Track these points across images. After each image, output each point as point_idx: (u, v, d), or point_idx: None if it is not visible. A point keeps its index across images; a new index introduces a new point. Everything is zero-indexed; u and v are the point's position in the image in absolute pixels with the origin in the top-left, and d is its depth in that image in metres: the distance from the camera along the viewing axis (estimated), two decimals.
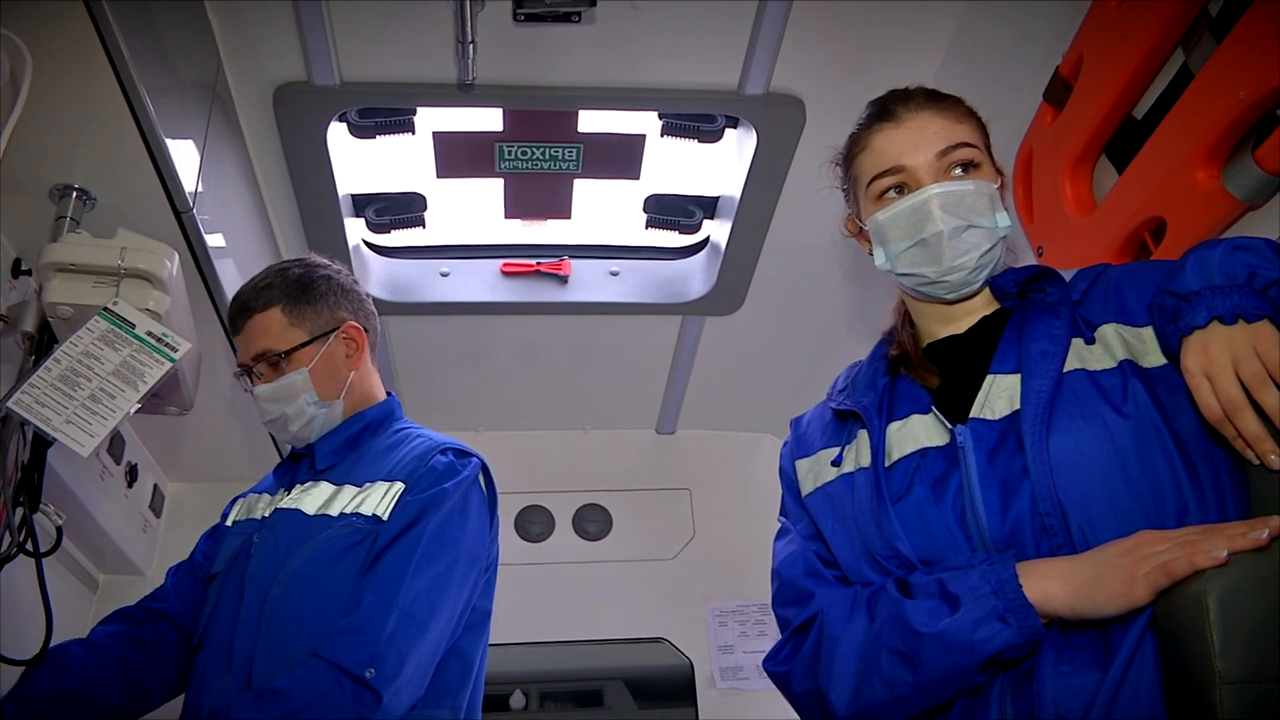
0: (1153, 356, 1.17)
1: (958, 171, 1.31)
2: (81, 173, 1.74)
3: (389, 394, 1.92)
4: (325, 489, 1.70)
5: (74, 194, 1.75)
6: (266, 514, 1.74)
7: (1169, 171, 1.55)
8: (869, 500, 1.26)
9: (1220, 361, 1.04)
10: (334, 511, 1.65)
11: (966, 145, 1.32)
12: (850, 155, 1.41)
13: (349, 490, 1.68)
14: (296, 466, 1.83)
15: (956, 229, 1.28)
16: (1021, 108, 1.99)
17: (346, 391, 1.81)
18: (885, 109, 1.38)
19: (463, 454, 1.75)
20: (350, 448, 1.79)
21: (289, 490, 1.76)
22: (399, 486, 1.65)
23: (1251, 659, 0.87)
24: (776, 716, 1.50)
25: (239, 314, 1.81)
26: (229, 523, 1.86)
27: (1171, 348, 1.12)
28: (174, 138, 1.74)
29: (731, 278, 2.86)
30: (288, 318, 1.78)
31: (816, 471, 1.38)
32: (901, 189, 1.33)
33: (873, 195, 1.35)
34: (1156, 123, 1.61)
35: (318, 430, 1.79)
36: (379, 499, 1.64)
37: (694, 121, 2.50)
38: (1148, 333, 1.19)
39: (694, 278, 2.96)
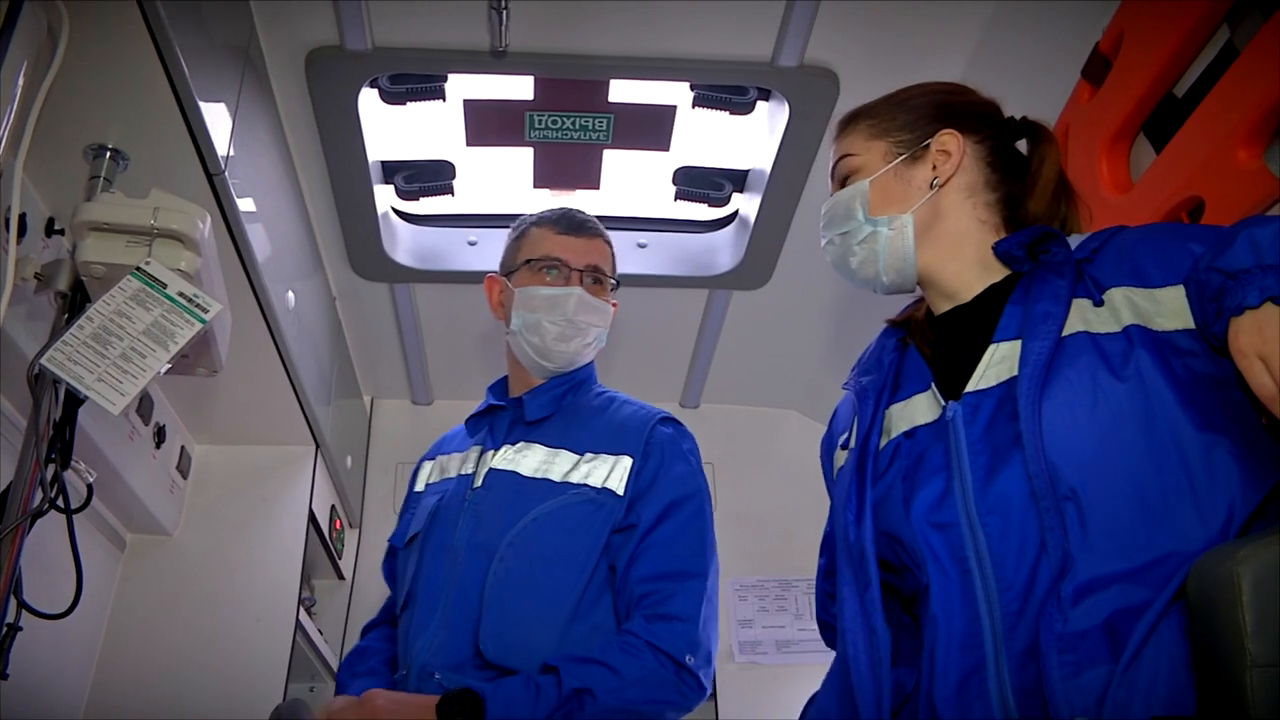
0: (1163, 320, 1.14)
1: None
2: (115, 133, 1.74)
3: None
4: (539, 451, 1.72)
5: (108, 154, 1.75)
6: (471, 472, 1.76)
7: (1209, 150, 1.52)
8: (846, 482, 1.30)
9: (1276, 343, 0.99)
10: (555, 477, 1.67)
11: (839, 161, 1.43)
12: None
13: (566, 456, 1.70)
14: (493, 423, 1.83)
15: (828, 243, 1.43)
16: (1059, 85, 1.96)
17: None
18: None
19: (679, 424, 1.79)
20: (557, 404, 1.80)
21: (496, 449, 1.76)
22: (627, 461, 1.67)
23: None
24: (794, 691, 1.50)
25: None
26: (420, 487, 1.88)
27: (1211, 325, 1.08)
28: (207, 100, 1.74)
29: (759, 252, 2.84)
30: None
31: (835, 458, 1.42)
32: None
33: None
34: (1197, 101, 1.58)
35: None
36: (608, 472, 1.66)
37: (725, 93, 2.48)
38: (1164, 294, 1.15)
39: (722, 251, 2.95)
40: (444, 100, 2.47)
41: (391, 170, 2.74)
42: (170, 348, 1.60)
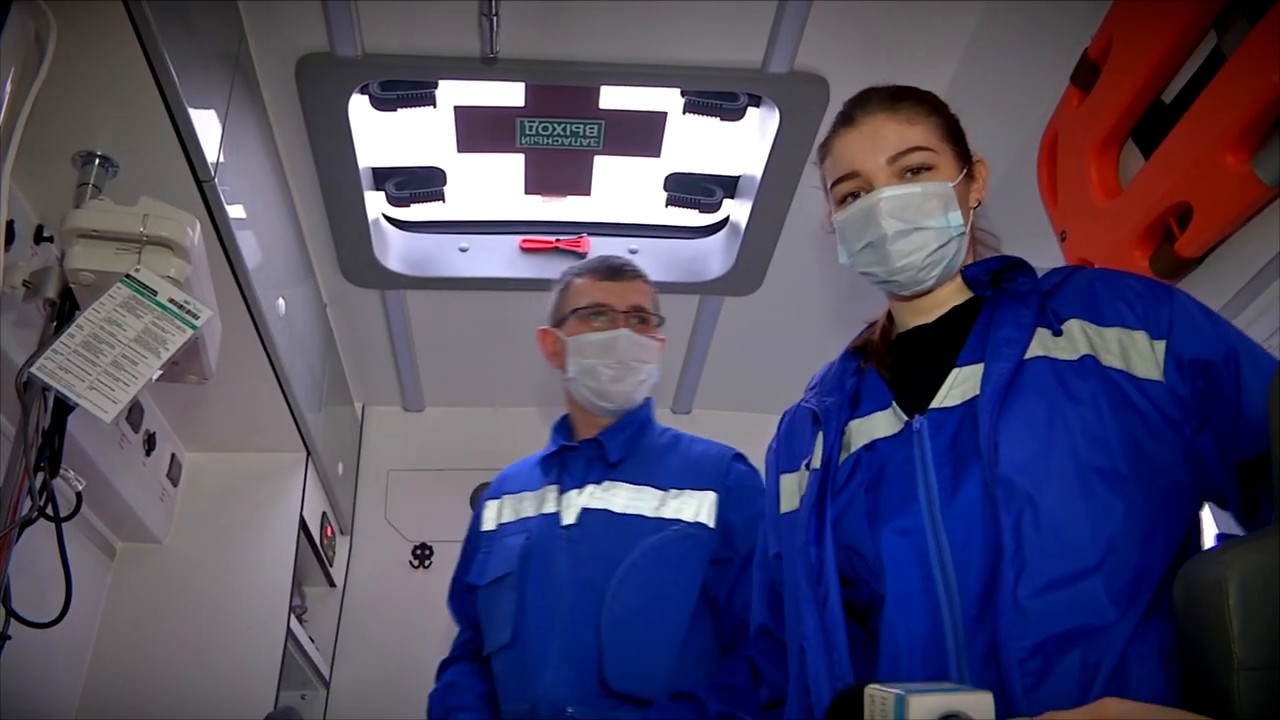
0: (1110, 357, 1.20)
1: (909, 175, 1.35)
2: (104, 140, 1.74)
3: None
4: (625, 489, 1.86)
5: (96, 161, 1.74)
6: (554, 511, 1.85)
7: (1197, 156, 1.53)
8: (808, 501, 1.31)
9: None
10: (647, 513, 1.82)
11: (918, 149, 1.36)
12: (820, 159, 1.46)
13: (651, 492, 1.85)
14: (566, 463, 1.92)
15: (901, 231, 1.33)
16: (1048, 91, 1.97)
17: None
18: (845, 113, 1.43)
19: (748, 461, 1.92)
20: (632, 444, 1.92)
21: (579, 488, 1.86)
22: (711, 495, 1.84)
23: (1271, 645, 0.87)
24: None
25: None
26: (490, 526, 1.95)
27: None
28: (197, 107, 1.73)
29: (750, 258, 2.85)
30: None
31: (801, 482, 1.40)
32: (858, 193, 1.37)
33: (835, 198, 1.41)
34: (1186, 107, 1.59)
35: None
36: (696, 507, 1.82)
37: (716, 99, 2.48)
38: (1109, 332, 1.22)
39: (713, 257, 2.95)
40: (435, 107, 2.47)
41: (382, 176, 2.73)
42: (161, 354, 1.60)
